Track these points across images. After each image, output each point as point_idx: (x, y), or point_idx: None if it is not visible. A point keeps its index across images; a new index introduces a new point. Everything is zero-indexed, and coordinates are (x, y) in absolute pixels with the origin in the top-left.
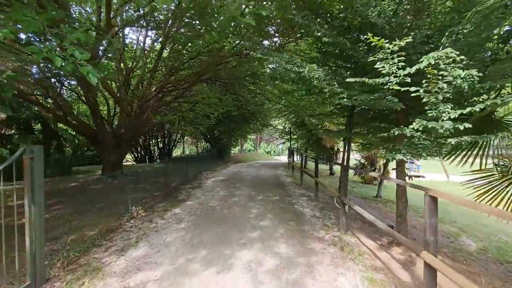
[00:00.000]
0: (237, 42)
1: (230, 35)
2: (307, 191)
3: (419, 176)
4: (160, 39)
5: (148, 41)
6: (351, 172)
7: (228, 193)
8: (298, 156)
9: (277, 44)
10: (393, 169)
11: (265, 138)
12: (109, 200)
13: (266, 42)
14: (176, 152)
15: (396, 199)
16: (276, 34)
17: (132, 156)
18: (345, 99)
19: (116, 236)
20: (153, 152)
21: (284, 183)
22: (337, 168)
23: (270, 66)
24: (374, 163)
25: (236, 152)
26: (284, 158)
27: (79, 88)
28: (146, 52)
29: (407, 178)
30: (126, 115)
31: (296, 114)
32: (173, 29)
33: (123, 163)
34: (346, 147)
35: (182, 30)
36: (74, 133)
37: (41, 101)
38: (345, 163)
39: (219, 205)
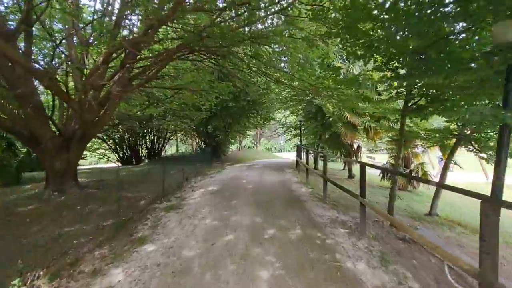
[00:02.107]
0: None
1: None
2: (337, 212)
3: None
4: None
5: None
6: (373, 175)
7: (218, 221)
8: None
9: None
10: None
11: (266, 135)
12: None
13: None
14: (171, 151)
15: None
16: None
17: (116, 156)
18: None
19: None
20: (140, 151)
21: (299, 197)
22: (357, 170)
23: None
24: (409, 163)
25: (235, 149)
26: (287, 155)
27: None
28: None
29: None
30: (77, 105)
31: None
32: None
33: (99, 165)
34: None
35: None
36: None
37: None
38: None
39: (201, 255)
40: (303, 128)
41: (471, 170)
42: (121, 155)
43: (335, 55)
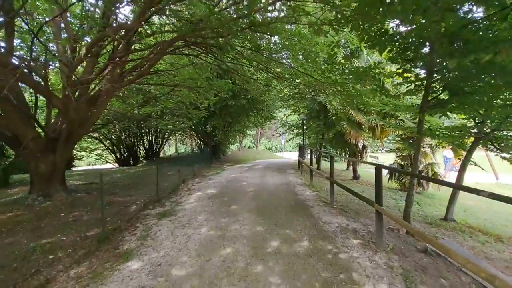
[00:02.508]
0: None
1: None
2: (346, 218)
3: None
4: None
5: None
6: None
7: (215, 231)
8: (306, 154)
9: None
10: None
11: (267, 134)
12: None
13: None
14: (169, 151)
15: None
16: None
17: (113, 157)
18: None
19: None
20: (138, 152)
21: (304, 201)
22: (363, 171)
23: None
24: (416, 163)
25: (235, 149)
26: (288, 155)
27: None
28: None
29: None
30: (60, 103)
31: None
32: None
33: (92, 166)
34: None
35: None
36: None
37: None
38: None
39: (193, 274)
40: (305, 127)
41: (475, 170)
42: (119, 156)
43: (340, 49)
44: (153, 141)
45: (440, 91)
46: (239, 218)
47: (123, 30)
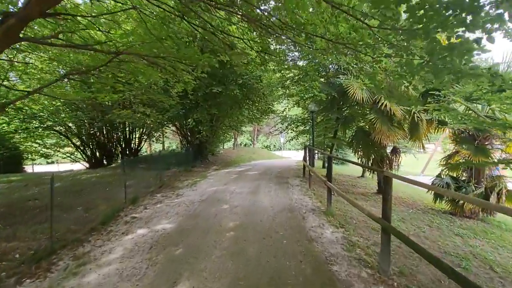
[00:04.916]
0: None
1: None
2: None
3: None
4: None
5: None
6: (416, 189)
7: None
8: (315, 158)
9: None
10: None
11: (265, 131)
12: None
13: None
14: (157, 148)
15: None
16: None
17: (83, 156)
18: None
19: None
20: (113, 150)
21: (328, 263)
22: (397, 184)
23: None
24: (480, 176)
25: (229, 147)
26: (287, 154)
27: None
28: None
29: None
30: None
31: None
32: None
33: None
34: None
35: None
36: None
37: None
38: None
39: None
40: (308, 123)
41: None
42: (89, 154)
43: None
44: (130, 137)
45: None
46: None
47: None
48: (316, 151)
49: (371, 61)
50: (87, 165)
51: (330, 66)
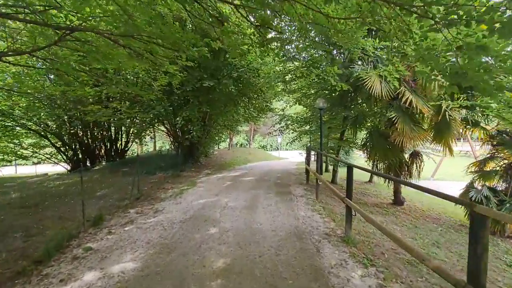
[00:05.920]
0: None
1: None
2: None
3: None
4: None
5: None
6: (440, 200)
7: None
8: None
9: None
10: None
11: (261, 131)
12: None
13: None
14: (148, 149)
15: None
16: None
17: (64, 157)
18: None
19: None
20: (97, 151)
21: None
22: (407, 188)
23: None
24: None
25: (226, 147)
26: (285, 155)
27: None
28: None
29: None
30: None
31: None
32: None
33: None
34: None
35: None
36: None
37: None
38: None
39: None
40: (311, 123)
41: None
42: (71, 156)
43: None
44: (116, 137)
45: None
46: None
47: None
48: (325, 156)
49: (428, 29)
50: (69, 167)
51: (341, 54)
